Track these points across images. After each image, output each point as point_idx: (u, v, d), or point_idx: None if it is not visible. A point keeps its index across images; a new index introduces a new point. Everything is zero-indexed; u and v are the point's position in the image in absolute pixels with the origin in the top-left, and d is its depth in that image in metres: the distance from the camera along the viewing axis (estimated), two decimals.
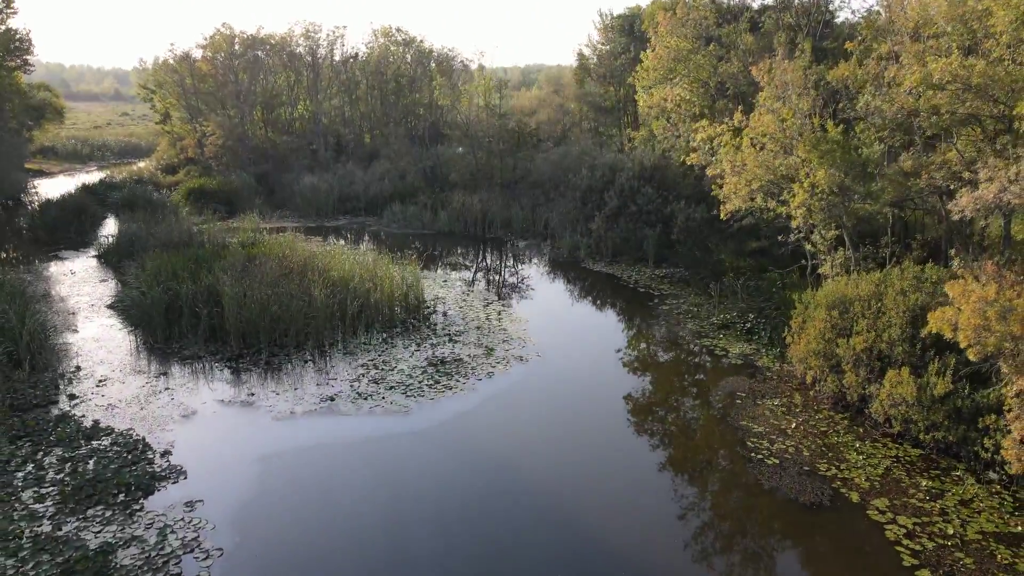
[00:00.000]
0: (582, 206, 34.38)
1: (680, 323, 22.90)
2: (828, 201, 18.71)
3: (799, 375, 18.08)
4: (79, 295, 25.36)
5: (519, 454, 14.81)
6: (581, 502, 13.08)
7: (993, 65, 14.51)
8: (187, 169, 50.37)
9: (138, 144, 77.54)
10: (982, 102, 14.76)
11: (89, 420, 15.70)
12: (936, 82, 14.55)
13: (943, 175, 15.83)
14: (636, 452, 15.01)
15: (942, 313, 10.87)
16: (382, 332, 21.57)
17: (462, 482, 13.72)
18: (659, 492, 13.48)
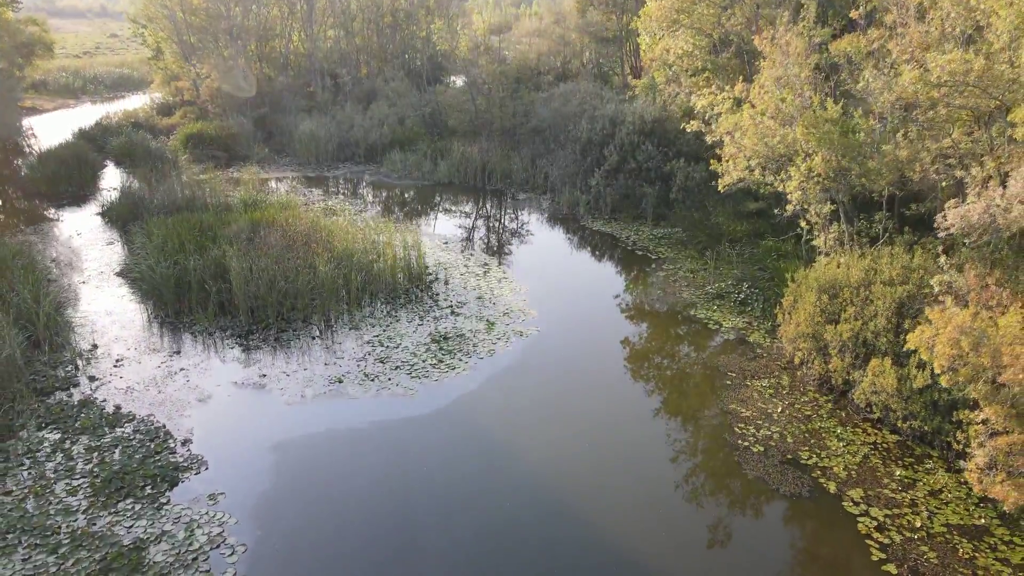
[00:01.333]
0: (582, 159, 34.38)
1: (676, 292, 23.50)
2: (824, 185, 18.97)
3: (788, 355, 18.83)
4: (87, 260, 25.85)
5: (519, 439, 15.68)
6: (575, 488, 14.01)
7: (992, 63, 14.56)
8: (183, 110, 49.75)
9: (130, 75, 76.01)
10: (979, 98, 14.88)
11: (111, 405, 16.53)
12: (934, 81, 14.62)
13: (937, 168, 16.08)
14: (627, 438, 15.87)
15: (921, 333, 11.44)
16: (386, 304, 22.20)
17: (466, 469, 14.63)
18: (649, 480, 14.41)
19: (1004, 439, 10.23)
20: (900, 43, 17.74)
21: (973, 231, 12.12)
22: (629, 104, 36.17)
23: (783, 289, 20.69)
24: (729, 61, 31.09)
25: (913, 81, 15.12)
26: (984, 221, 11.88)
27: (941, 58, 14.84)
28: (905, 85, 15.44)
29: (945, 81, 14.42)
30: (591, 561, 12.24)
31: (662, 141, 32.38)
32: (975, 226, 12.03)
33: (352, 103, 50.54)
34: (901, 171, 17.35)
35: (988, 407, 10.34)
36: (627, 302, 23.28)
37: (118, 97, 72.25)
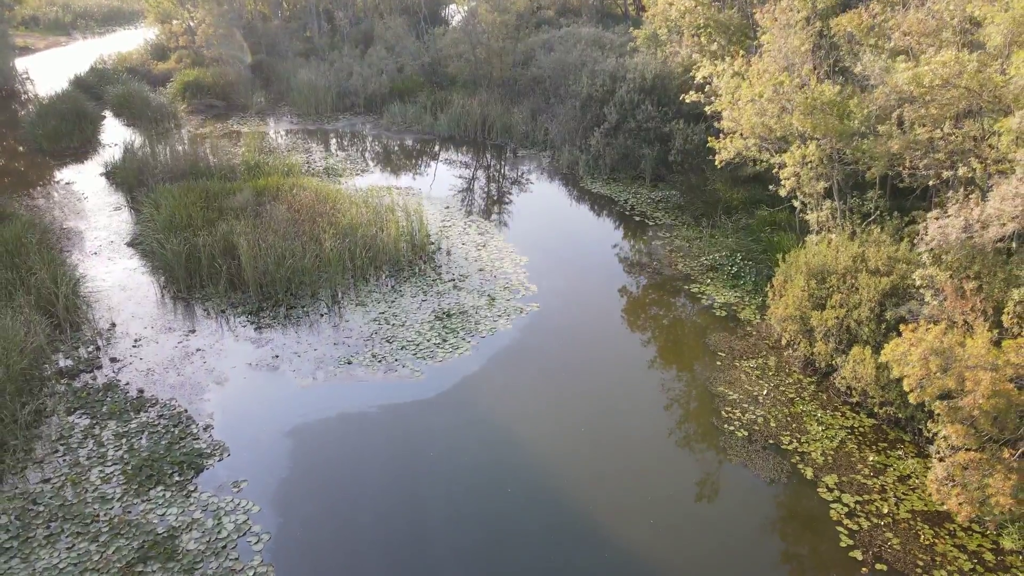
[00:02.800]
0: (581, 116, 34.37)
1: (672, 263, 24.20)
2: (817, 171, 19.38)
3: (776, 335, 19.71)
4: (96, 228, 26.43)
5: (519, 424, 16.70)
6: (570, 473, 15.12)
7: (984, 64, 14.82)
8: (178, 54, 49.06)
9: (120, 8, 74.24)
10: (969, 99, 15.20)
11: (134, 389, 17.52)
12: (927, 84, 14.89)
13: (926, 164, 16.51)
14: (621, 423, 16.89)
15: (895, 347, 12.23)
16: (390, 277, 22.93)
17: (470, 454, 15.70)
18: (639, 467, 15.50)
19: (962, 456, 11.18)
20: (899, 26, 17.86)
21: (951, 248, 12.73)
22: (630, 58, 35.83)
23: (775, 263, 21.42)
24: (731, 19, 30.72)
25: (907, 81, 15.40)
26: (961, 238, 12.47)
27: (935, 59, 15.08)
28: (899, 82, 15.71)
29: (937, 85, 14.72)
30: (586, 543, 13.42)
31: (662, 100, 32.32)
32: (953, 243, 12.64)
33: (349, 46, 49.83)
34: (892, 162, 17.76)
35: (950, 425, 11.24)
36: (623, 275, 23.98)
37: (109, 31, 70.92)
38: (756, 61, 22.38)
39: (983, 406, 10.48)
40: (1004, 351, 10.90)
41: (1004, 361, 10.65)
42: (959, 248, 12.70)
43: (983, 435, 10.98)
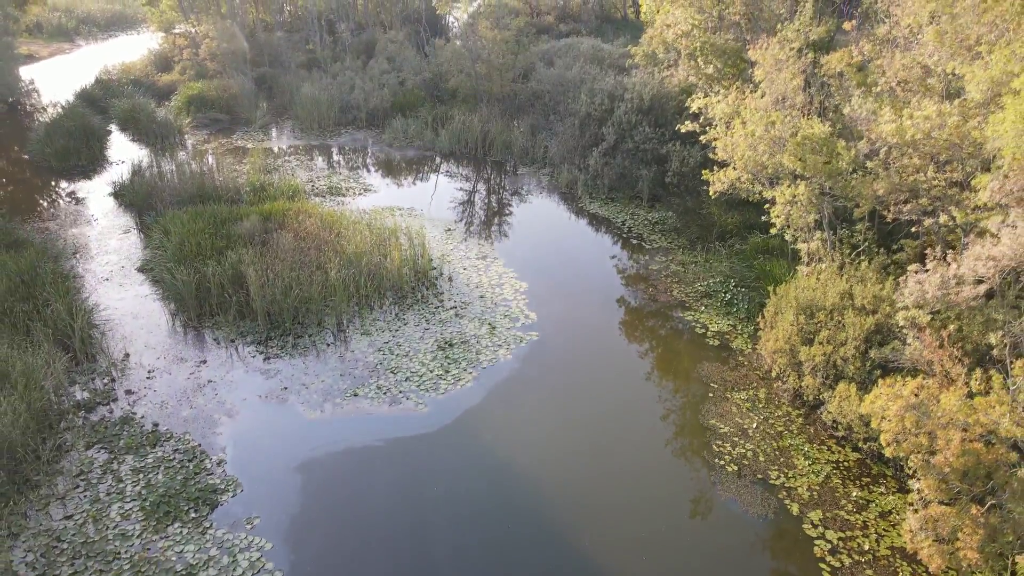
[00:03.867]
0: (580, 134, 35.02)
1: (667, 289, 24.90)
2: (807, 208, 20.05)
3: (766, 365, 20.43)
4: (107, 252, 27.11)
5: (519, 458, 17.42)
6: (569, 508, 15.87)
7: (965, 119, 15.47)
8: (182, 65, 49.59)
9: (123, 13, 74.62)
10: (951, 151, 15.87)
11: (149, 422, 18.25)
12: (908, 140, 15.54)
13: (909, 208, 17.17)
14: (617, 457, 17.62)
15: (874, 400, 12.93)
16: (394, 304, 23.63)
17: (473, 489, 16.40)
18: (633, 501, 16.24)
19: (934, 509, 11.90)
20: (886, 71, 18.50)
21: (928, 304, 13.43)
22: (628, 77, 36.41)
23: (767, 290, 22.16)
24: (727, 42, 31.26)
25: (891, 133, 16.05)
26: (938, 295, 13.16)
27: (918, 113, 15.73)
28: (883, 133, 16.37)
29: (920, 139, 15.38)
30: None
31: (659, 121, 32.96)
32: (930, 300, 13.33)
33: (351, 57, 50.37)
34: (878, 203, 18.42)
35: (924, 479, 11.96)
36: (620, 302, 24.65)
37: (112, 36, 71.36)
38: (749, 96, 23.04)
39: (953, 464, 11.19)
40: (975, 408, 11.61)
41: (974, 420, 11.36)
42: (937, 303, 13.38)
43: (954, 489, 11.70)
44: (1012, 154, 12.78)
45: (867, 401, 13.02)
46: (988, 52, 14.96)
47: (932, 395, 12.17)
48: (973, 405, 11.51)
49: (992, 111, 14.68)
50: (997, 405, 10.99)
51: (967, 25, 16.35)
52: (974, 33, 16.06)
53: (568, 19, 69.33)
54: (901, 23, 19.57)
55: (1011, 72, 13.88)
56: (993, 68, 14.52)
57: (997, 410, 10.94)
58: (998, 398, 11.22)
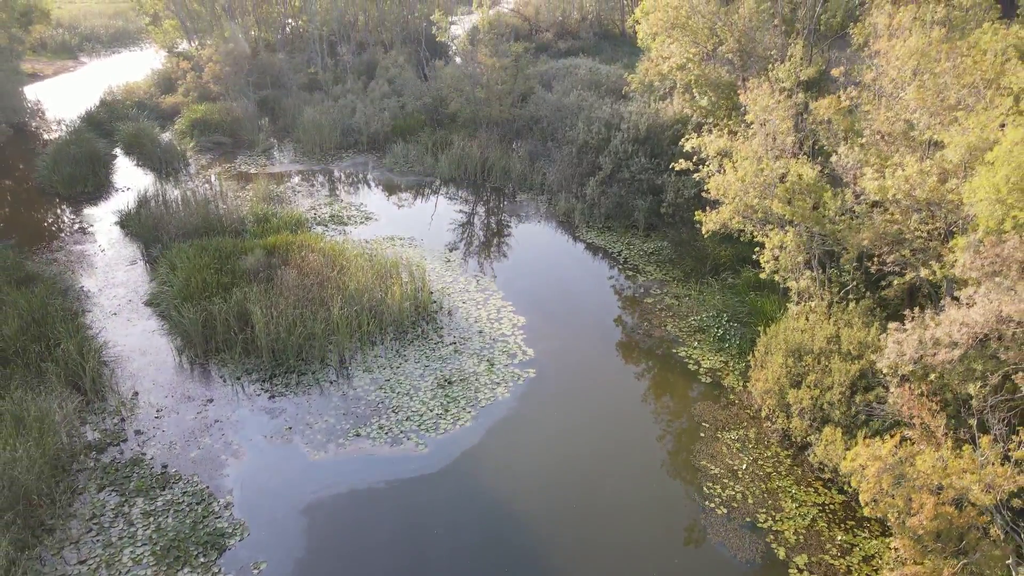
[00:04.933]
0: (578, 162, 35.66)
1: (661, 324, 25.53)
2: (795, 254, 20.69)
3: (756, 404, 21.06)
4: (114, 285, 27.74)
5: (516, 500, 18.03)
6: (563, 552, 16.49)
7: (944, 181, 16.12)
8: (185, 87, 50.23)
9: (126, 29, 75.32)
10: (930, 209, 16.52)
11: (158, 464, 18.87)
12: (890, 198, 16.19)
13: (893, 259, 17.81)
14: (610, 498, 18.23)
15: (853, 459, 13.55)
16: (395, 340, 24.24)
17: (471, 531, 17.03)
18: (627, 546, 16.86)
19: (909, 568, 12.51)
20: (873, 120, 19.16)
21: (907, 364, 14.05)
22: (624, 105, 37.07)
23: (758, 326, 22.81)
24: (721, 76, 31.92)
25: (874, 191, 16.70)
26: (915, 356, 13.78)
27: (899, 173, 16.37)
28: (867, 189, 17.01)
29: (900, 199, 16.02)
30: None
31: (655, 151, 33.62)
32: (907, 361, 13.95)
33: (352, 77, 51.03)
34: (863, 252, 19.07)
35: (900, 538, 12.57)
36: (615, 337, 25.26)
37: (115, 52, 72.06)
38: (741, 138, 23.68)
39: (927, 527, 11.81)
40: (948, 472, 12.23)
41: (947, 483, 11.97)
42: (914, 363, 14.01)
43: (928, 550, 12.31)
44: (985, 224, 13.43)
45: (848, 459, 13.64)
46: (966, 117, 15.60)
47: (909, 454, 12.79)
48: (946, 468, 12.13)
49: (969, 174, 15.33)
50: (968, 472, 11.61)
51: (948, 85, 17.00)
52: (953, 95, 16.71)
53: (567, 36, 70.01)
54: (887, 73, 20.21)
55: (987, 139, 14.52)
56: (970, 134, 15.16)
57: (968, 477, 11.56)
58: (968, 465, 11.85)
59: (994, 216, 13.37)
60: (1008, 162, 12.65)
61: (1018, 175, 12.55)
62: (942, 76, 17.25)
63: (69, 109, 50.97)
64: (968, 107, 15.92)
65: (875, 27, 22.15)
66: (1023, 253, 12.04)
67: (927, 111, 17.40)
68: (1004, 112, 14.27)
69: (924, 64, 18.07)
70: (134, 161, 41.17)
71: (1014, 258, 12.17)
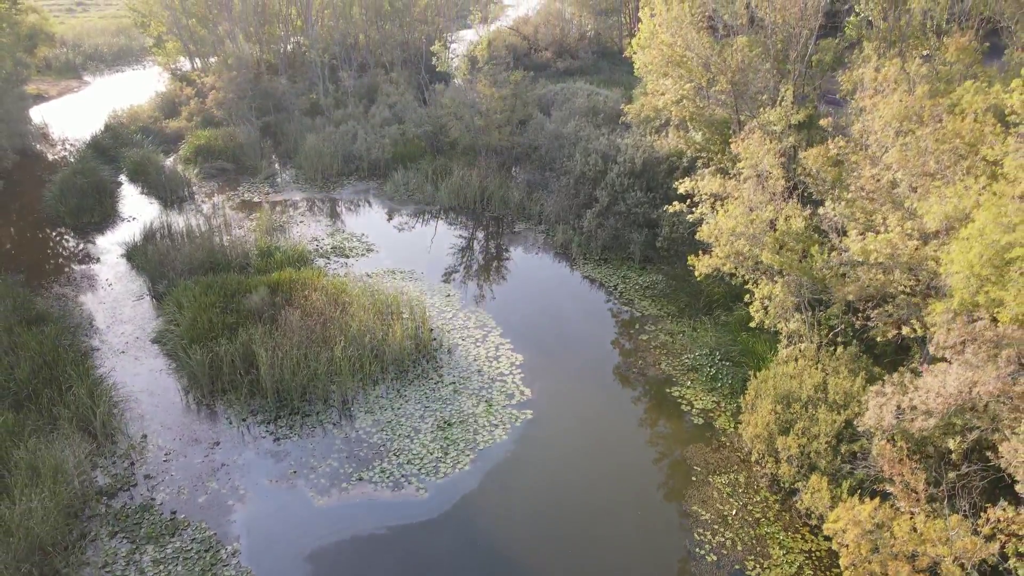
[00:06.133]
0: (575, 194, 36.36)
1: (656, 362, 26.19)
2: (784, 301, 21.37)
3: (747, 447, 21.71)
4: (121, 322, 28.41)
5: (513, 546, 18.71)
6: None
7: (923, 245, 16.81)
8: (188, 111, 50.93)
9: (129, 47, 76.11)
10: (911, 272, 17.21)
11: (167, 510, 19.52)
12: (872, 261, 16.88)
13: (877, 314, 18.49)
14: (605, 546, 18.89)
15: (835, 521, 14.20)
16: (396, 380, 24.89)
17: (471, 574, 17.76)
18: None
19: None
20: (859, 175, 19.87)
21: (886, 431, 14.72)
22: (621, 137, 37.76)
23: (750, 366, 23.47)
24: (715, 113, 32.62)
25: (857, 252, 17.38)
26: (892, 424, 14.45)
27: (881, 236, 17.05)
28: (851, 248, 17.70)
29: (881, 261, 16.70)
30: None
31: (651, 184, 34.31)
32: (886, 428, 14.62)
33: (354, 101, 51.75)
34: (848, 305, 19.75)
35: None
36: (610, 376, 25.87)
37: (119, 71, 72.87)
38: (733, 183, 24.35)
39: None
40: (923, 538, 12.88)
41: (923, 550, 12.63)
42: (893, 429, 14.67)
43: None
44: (959, 296, 14.10)
45: (830, 519, 14.30)
46: (943, 186, 16.29)
47: (887, 518, 13.44)
48: (922, 536, 12.79)
49: (948, 239, 16.01)
50: (940, 543, 12.27)
51: (928, 150, 17.70)
52: (933, 161, 17.40)
53: (565, 54, 70.77)
54: (872, 129, 20.90)
55: (963, 210, 15.20)
56: (947, 203, 15.85)
57: (940, 548, 12.22)
58: (940, 537, 12.51)
59: (969, 288, 14.04)
60: (980, 240, 13.32)
61: (990, 252, 13.23)
62: (923, 140, 17.94)
63: (75, 131, 51.81)
64: (946, 178, 16.60)
65: (862, 80, 22.85)
66: (992, 333, 12.72)
67: (908, 173, 18.09)
68: (978, 189, 14.94)
69: (906, 126, 18.77)
70: (139, 189, 41.89)
71: (984, 337, 12.86)
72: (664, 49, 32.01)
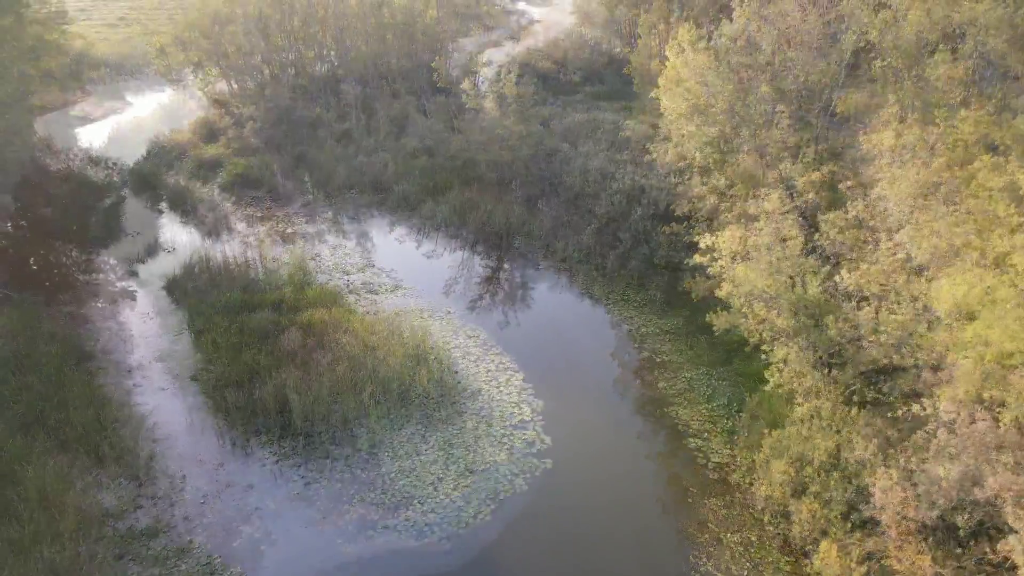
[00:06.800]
0: (599, 233, 37.12)
1: (675, 411, 26.82)
2: (799, 366, 21.94)
3: (760, 506, 22.27)
4: (163, 358, 29.74)
5: None
6: None
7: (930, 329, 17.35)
8: (225, 139, 52.52)
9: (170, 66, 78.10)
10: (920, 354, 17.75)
11: (204, 554, 20.64)
12: (883, 342, 17.46)
13: (890, 388, 19.01)
14: None
15: None
16: (421, 424, 25.83)
17: None
18: None
19: None
20: (868, 267, 20.42)
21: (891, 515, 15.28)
22: (645, 178, 38.39)
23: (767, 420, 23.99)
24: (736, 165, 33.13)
25: (868, 332, 17.95)
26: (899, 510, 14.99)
27: (892, 318, 17.61)
28: (863, 326, 18.27)
29: (892, 344, 17.26)
30: None
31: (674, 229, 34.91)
32: (891, 512, 15.17)
33: (384, 130, 53.01)
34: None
35: None
36: (628, 425, 26.54)
37: (160, 91, 75.12)
38: (752, 244, 24.93)
39: None
40: None
41: None
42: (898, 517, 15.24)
43: None
44: (965, 389, 14.64)
45: None
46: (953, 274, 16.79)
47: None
48: None
49: (956, 327, 16.53)
50: None
51: (941, 232, 18.21)
52: (945, 242, 17.91)
53: (593, 78, 71.33)
54: (888, 198, 21.42)
55: (969, 303, 15.73)
56: (957, 292, 16.37)
57: None
58: None
59: (973, 383, 14.57)
60: (984, 342, 13.87)
61: (991, 356, 13.77)
62: (937, 220, 18.45)
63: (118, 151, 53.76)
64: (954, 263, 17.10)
65: (880, 145, 23.34)
66: (993, 437, 13.25)
67: (922, 252, 18.61)
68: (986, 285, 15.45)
69: (920, 203, 19.28)
70: (179, 217, 43.51)
71: (983, 441, 13.39)
72: (689, 97, 32.71)
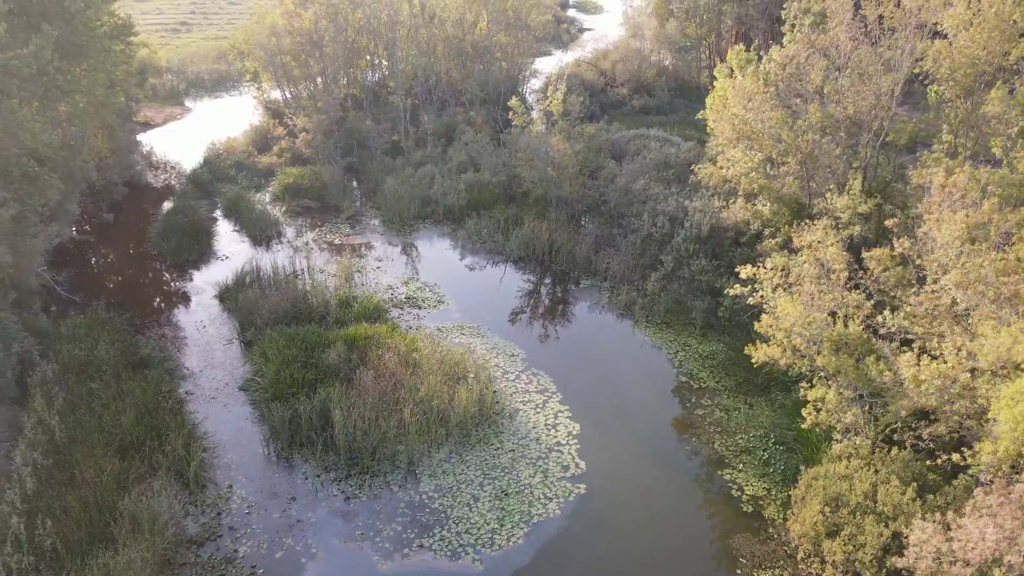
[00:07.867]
0: (640, 255, 37.26)
1: (709, 441, 26.87)
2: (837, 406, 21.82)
3: (794, 543, 22.22)
4: (213, 366, 30.99)
5: None
6: None
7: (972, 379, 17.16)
8: (279, 148, 54.12)
9: (228, 73, 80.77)
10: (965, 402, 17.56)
11: (248, 565, 21.52)
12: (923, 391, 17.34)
13: (930, 434, 18.83)
14: None
15: None
16: (459, 444, 26.40)
17: None
18: None
19: None
20: (913, 309, 20.22)
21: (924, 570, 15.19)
22: (689, 199, 38.34)
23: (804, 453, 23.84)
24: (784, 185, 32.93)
25: (909, 379, 17.84)
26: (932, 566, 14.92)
27: (933, 367, 17.48)
28: (906, 381, 18.16)
29: (933, 393, 17.14)
30: None
31: (716, 251, 34.87)
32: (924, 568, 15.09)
33: (432, 141, 53.94)
34: None
35: None
36: (663, 453, 26.64)
37: (218, 97, 77.65)
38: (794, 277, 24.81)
39: None
40: None
41: None
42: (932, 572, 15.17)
43: None
44: (1005, 448, 14.51)
45: None
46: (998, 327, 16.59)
47: None
48: None
49: (998, 381, 16.35)
50: None
51: (989, 278, 17.99)
52: (992, 291, 17.69)
53: (642, 91, 71.16)
54: (936, 240, 21.15)
55: (1014, 358, 15.55)
56: (1002, 344, 16.20)
57: None
58: None
59: (1015, 441, 14.44)
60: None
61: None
62: (984, 266, 18.22)
63: (178, 157, 55.93)
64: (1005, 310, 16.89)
65: (930, 183, 23.04)
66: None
67: (968, 298, 18.41)
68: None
69: (968, 248, 19.05)
70: (232, 226, 45.04)
71: (1020, 504, 13.27)
72: (736, 123, 32.63)
